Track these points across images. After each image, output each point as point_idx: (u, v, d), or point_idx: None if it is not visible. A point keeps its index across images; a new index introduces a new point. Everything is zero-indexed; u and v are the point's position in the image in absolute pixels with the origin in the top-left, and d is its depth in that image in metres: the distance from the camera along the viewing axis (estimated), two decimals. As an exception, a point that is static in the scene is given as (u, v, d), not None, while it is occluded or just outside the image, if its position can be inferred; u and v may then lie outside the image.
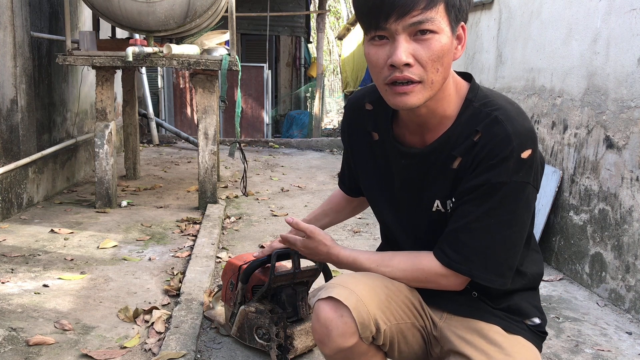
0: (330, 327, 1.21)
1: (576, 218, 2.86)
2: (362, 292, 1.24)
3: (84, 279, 2.50)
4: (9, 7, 3.35)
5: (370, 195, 1.41)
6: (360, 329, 1.21)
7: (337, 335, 1.21)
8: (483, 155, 1.13)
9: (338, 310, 1.21)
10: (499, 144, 1.11)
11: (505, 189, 1.12)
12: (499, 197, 1.13)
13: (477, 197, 1.15)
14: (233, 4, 3.73)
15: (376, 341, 1.26)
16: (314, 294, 1.30)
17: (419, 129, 1.22)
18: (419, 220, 1.29)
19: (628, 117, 2.46)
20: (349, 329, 1.21)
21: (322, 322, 1.23)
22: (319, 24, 9.01)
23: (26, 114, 3.60)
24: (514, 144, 1.11)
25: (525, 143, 1.12)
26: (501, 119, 1.13)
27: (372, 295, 1.25)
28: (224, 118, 9.00)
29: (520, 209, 1.16)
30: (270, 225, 3.63)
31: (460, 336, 1.26)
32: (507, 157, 1.11)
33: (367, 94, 1.36)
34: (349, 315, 1.20)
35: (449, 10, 1.06)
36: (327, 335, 1.22)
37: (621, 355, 2.09)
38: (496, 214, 1.14)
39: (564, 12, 2.99)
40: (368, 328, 1.22)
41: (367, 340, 1.24)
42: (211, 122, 3.79)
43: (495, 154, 1.12)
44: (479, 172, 1.14)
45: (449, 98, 1.17)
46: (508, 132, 1.11)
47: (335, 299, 1.21)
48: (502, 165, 1.12)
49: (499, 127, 1.12)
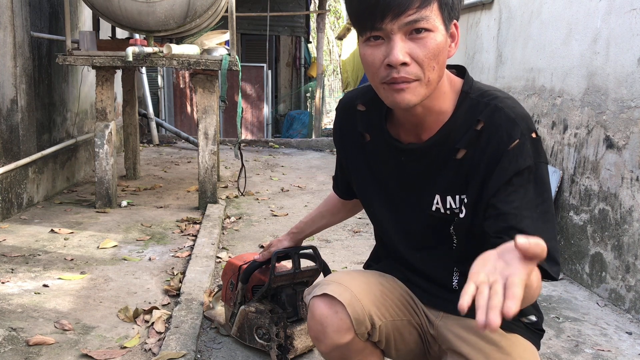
0: (326, 324, 1.22)
1: (576, 218, 2.86)
2: (356, 288, 1.24)
3: (84, 279, 2.50)
4: (9, 7, 3.35)
5: (364, 197, 1.40)
6: (355, 324, 1.21)
7: (333, 331, 1.22)
8: (495, 145, 1.12)
9: (333, 307, 1.22)
10: (507, 129, 1.11)
11: (533, 172, 1.11)
12: (531, 183, 1.11)
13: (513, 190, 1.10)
14: (233, 4, 3.73)
15: (372, 337, 1.27)
16: (309, 292, 1.31)
17: (414, 128, 1.22)
18: (416, 221, 1.28)
19: (628, 117, 2.46)
20: (344, 325, 1.21)
21: (317, 319, 1.24)
22: (319, 24, 9.01)
23: (26, 114, 3.60)
24: (521, 128, 1.11)
25: (530, 125, 1.13)
26: (501, 106, 1.14)
27: (367, 291, 1.25)
28: (224, 118, 9.00)
29: (549, 190, 1.14)
30: (270, 225, 3.63)
31: (458, 335, 1.26)
32: (522, 141, 1.11)
33: (359, 95, 1.35)
34: (343, 311, 1.21)
35: (442, 9, 1.07)
36: (323, 331, 1.23)
37: (621, 355, 2.09)
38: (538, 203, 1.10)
39: (564, 12, 2.99)
40: (363, 324, 1.22)
41: (362, 336, 1.24)
42: (211, 122, 3.79)
43: (507, 140, 1.11)
44: (503, 166, 1.11)
45: (444, 95, 1.17)
46: (511, 117, 1.12)
47: (330, 296, 1.22)
48: (522, 150, 1.10)
49: (501, 114, 1.13)
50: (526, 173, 1.11)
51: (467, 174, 1.17)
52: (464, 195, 1.20)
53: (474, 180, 1.16)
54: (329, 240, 3.33)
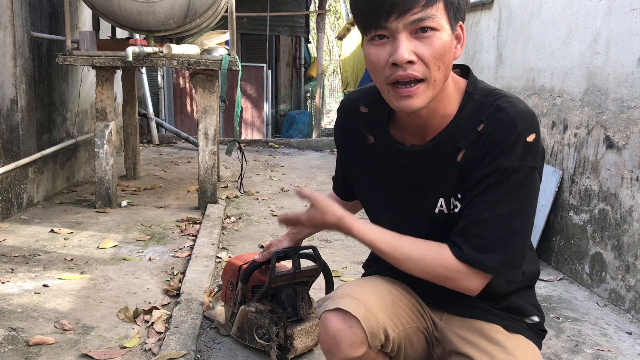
0: (340, 338, 1.21)
1: (576, 218, 2.86)
2: (369, 300, 1.23)
3: (84, 279, 2.50)
4: (9, 7, 3.35)
5: (365, 198, 1.39)
6: (369, 338, 1.20)
7: (346, 346, 1.21)
8: (490, 144, 1.12)
9: (347, 322, 1.20)
10: (504, 129, 1.11)
11: (515, 174, 1.10)
12: (509, 183, 1.10)
13: (487, 186, 1.12)
14: (233, 4, 3.73)
15: (384, 349, 1.26)
16: (320, 304, 1.29)
17: (418, 130, 1.21)
18: (419, 223, 1.27)
19: (628, 117, 2.46)
20: (359, 339, 1.20)
21: (331, 334, 1.22)
22: (319, 24, 9.01)
23: (26, 114, 3.60)
24: (519, 129, 1.10)
25: (529, 127, 1.11)
26: (503, 106, 1.13)
27: (380, 303, 1.24)
28: (224, 118, 9.00)
29: (530, 196, 1.13)
30: (270, 225, 3.63)
31: (462, 336, 1.26)
32: (514, 142, 1.09)
33: (361, 96, 1.33)
34: (358, 326, 1.20)
35: (448, 9, 1.06)
36: (336, 346, 1.22)
37: (621, 355, 2.09)
38: (507, 202, 1.11)
39: (564, 12, 2.99)
40: (377, 337, 1.22)
41: (375, 348, 1.24)
42: (211, 122, 3.79)
43: (501, 140, 1.10)
44: (488, 160, 1.12)
45: (449, 97, 1.16)
46: (512, 117, 1.11)
47: (343, 310, 1.20)
48: (510, 151, 1.10)
49: (502, 114, 1.12)
50: (506, 173, 1.10)
51: (467, 174, 1.17)
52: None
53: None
54: (329, 240, 3.33)
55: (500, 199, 1.11)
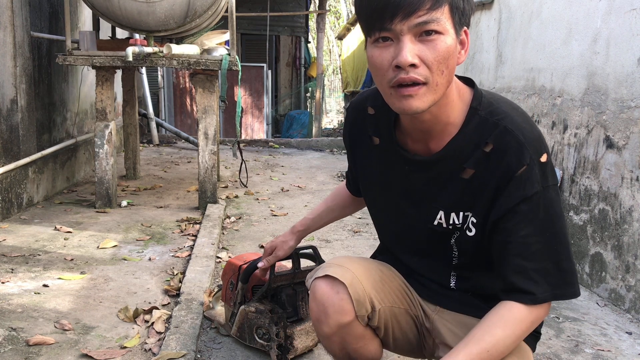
0: (327, 304, 1.24)
1: (576, 218, 2.86)
2: (357, 270, 1.26)
3: (84, 279, 2.50)
4: (9, 7, 3.35)
5: (368, 197, 1.41)
6: (356, 306, 1.23)
7: (334, 311, 1.23)
8: (503, 169, 1.11)
9: (334, 287, 1.24)
10: (516, 154, 1.10)
11: (543, 197, 1.11)
12: (540, 207, 1.11)
13: (522, 217, 1.11)
14: (233, 4, 3.73)
15: (371, 322, 1.28)
16: (311, 276, 1.32)
17: (422, 136, 1.20)
18: (416, 231, 1.28)
19: (628, 117, 2.47)
20: (346, 305, 1.23)
21: (319, 299, 1.25)
22: (319, 24, 9.01)
23: (26, 113, 3.60)
24: (530, 152, 1.10)
25: (539, 148, 1.11)
26: (510, 128, 1.12)
27: (367, 275, 1.27)
28: (224, 118, 9.00)
29: (559, 211, 1.14)
30: (270, 225, 3.63)
31: (452, 330, 1.28)
32: (530, 166, 1.10)
33: (369, 98, 1.34)
34: (344, 292, 1.23)
35: (453, 13, 1.05)
36: (324, 312, 1.25)
37: (621, 355, 2.09)
38: (548, 227, 1.11)
39: (564, 12, 2.99)
40: (363, 305, 1.24)
41: (362, 319, 1.26)
42: (211, 122, 3.79)
43: (515, 166, 1.10)
44: (509, 192, 1.11)
45: (452, 104, 1.15)
46: (521, 141, 1.11)
47: (331, 277, 1.24)
48: (529, 177, 1.10)
49: (511, 137, 1.11)
50: (534, 199, 1.11)
51: (474, 194, 1.17)
52: (468, 213, 1.19)
53: (481, 201, 1.16)
54: (329, 240, 3.33)
55: (539, 226, 1.11)
